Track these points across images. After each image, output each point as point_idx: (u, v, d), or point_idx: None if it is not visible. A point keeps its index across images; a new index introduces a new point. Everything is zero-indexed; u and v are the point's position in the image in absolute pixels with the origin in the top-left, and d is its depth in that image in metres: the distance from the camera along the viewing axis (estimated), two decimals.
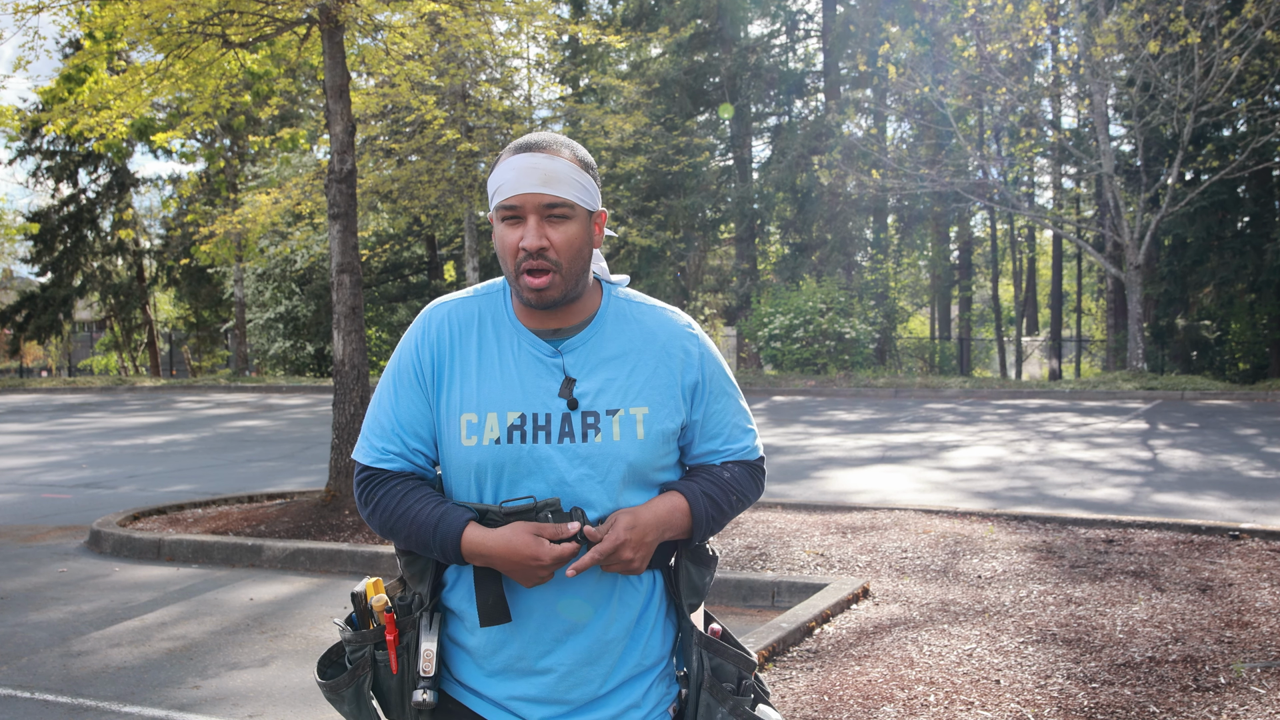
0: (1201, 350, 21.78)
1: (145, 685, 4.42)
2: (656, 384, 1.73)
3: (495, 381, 1.71)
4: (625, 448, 1.69)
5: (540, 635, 1.69)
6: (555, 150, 1.69)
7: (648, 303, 1.82)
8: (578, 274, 1.70)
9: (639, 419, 1.71)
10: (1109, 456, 10.61)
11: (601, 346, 1.74)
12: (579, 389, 1.70)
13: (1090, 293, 39.35)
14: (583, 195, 1.69)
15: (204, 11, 7.88)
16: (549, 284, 1.66)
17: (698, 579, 1.79)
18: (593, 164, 1.76)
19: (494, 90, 18.84)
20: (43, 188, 34.65)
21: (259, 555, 6.73)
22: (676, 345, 1.77)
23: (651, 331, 1.77)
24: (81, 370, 41.53)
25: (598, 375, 1.72)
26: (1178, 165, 19.25)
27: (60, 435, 14.85)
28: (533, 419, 1.68)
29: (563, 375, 1.71)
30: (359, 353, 7.90)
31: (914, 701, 3.77)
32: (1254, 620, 4.60)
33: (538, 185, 1.65)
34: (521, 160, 1.67)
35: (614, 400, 1.70)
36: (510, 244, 1.67)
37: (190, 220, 25.64)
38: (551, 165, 1.66)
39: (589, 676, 1.70)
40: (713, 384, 1.79)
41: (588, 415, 1.69)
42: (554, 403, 1.69)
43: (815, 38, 29.48)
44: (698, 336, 1.80)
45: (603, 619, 1.70)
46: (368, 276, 29.92)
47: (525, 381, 1.71)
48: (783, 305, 22.36)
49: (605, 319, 1.77)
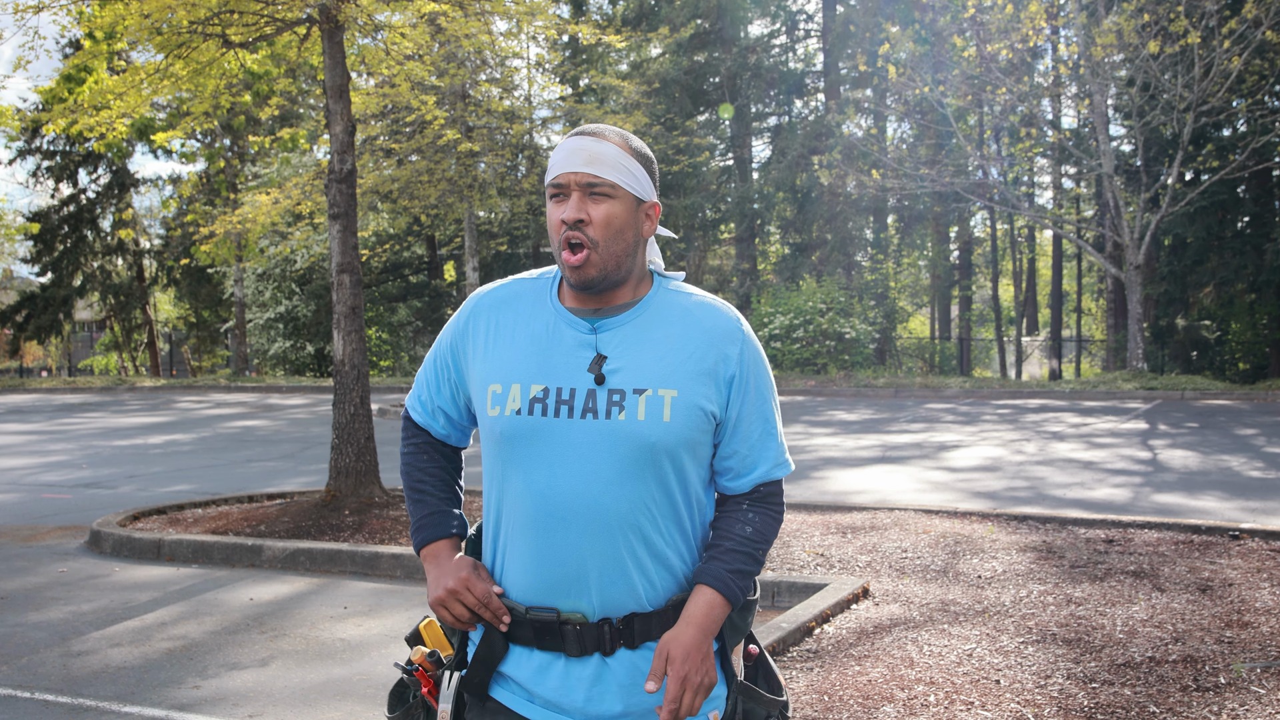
0: (1201, 350, 21.78)
1: (145, 685, 4.42)
2: (691, 369, 1.71)
3: (524, 354, 1.74)
4: (648, 428, 1.67)
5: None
6: (604, 135, 1.73)
7: (699, 295, 1.81)
8: (617, 255, 1.71)
9: (667, 401, 1.68)
10: (1109, 456, 10.61)
11: (640, 329, 1.74)
12: (608, 366, 1.70)
13: (1090, 293, 39.36)
14: (627, 179, 1.71)
15: (204, 11, 7.88)
16: (585, 260, 1.68)
17: (739, 621, 1.80)
18: (649, 156, 1.78)
19: (494, 90, 18.83)
20: (43, 188, 34.67)
21: (259, 555, 6.73)
22: (720, 338, 1.75)
23: (697, 320, 1.76)
24: (81, 370, 41.55)
25: (630, 355, 1.71)
26: (1178, 165, 19.25)
27: (60, 435, 14.85)
28: (556, 392, 1.69)
29: (594, 352, 1.72)
30: (359, 353, 7.90)
31: (914, 701, 3.77)
32: (1254, 620, 4.60)
33: (581, 165, 1.69)
34: (570, 143, 1.73)
35: (643, 380, 1.69)
36: (555, 220, 1.72)
37: (190, 220, 25.64)
38: (597, 147, 1.70)
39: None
40: (749, 385, 1.76)
41: (614, 393, 1.68)
42: (582, 378, 1.70)
43: (815, 38, 29.49)
44: (744, 335, 1.77)
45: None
46: (368, 276, 29.93)
47: (554, 356, 1.72)
48: (783, 305, 22.37)
49: (650, 305, 1.77)
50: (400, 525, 7.22)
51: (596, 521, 1.67)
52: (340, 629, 5.24)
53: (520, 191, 20.45)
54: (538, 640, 1.70)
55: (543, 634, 1.69)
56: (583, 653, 1.68)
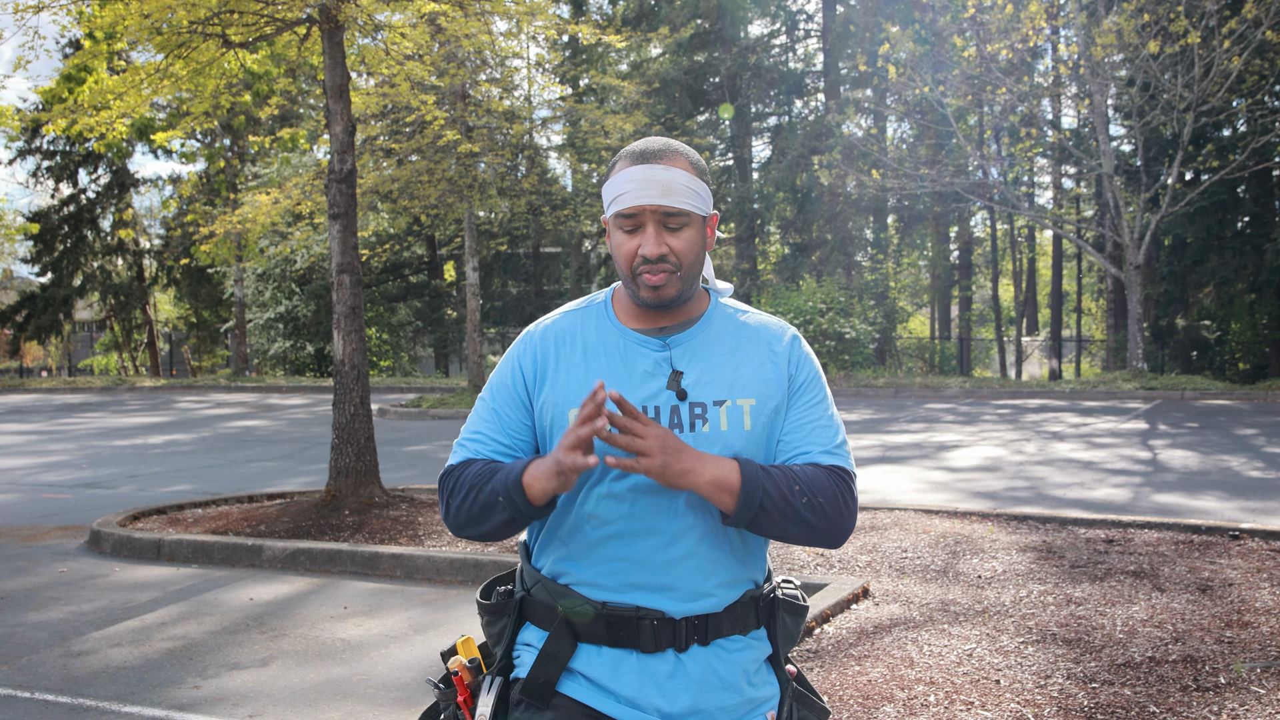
0: (1201, 350, 21.78)
1: (145, 685, 4.42)
2: (762, 377, 1.76)
3: (602, 376, 1.74)
4: (732, 438, 1.71)
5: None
6: (672, 160, 1.72)
7: (752, 310, 1.88)
8: (695, 275, 1.76)
9: (746, 410, 1.73)
10: (1109, 456, 10.61)
11: (708, 342, 1.78)
12: (685, 380, 1.73)
13: (1090, 293, 39.35)
14: (698, 203, 1.72)
15: (204, 11, 7.88)
16: (666, 282, 1.71)
17: (793, 627, 1.82)
18: (705, 168, 1.79)
19: (494, 90, 18.83)
20: (43, 188, 34.67)
21: (259, 555, 6.73)
22: (780, 345, 1.81)
23: (756, 331, 1.82)
24: (81, 370, 41.55)
25: (704, 368, 1.75)
26: (1178, 165, 19.25)
27: (60, 435, 14.85)
28: (641, 410, 1.70)
29: (670, 369, 1.74)
30: (359, 353, 7.90)
31: (914, 701, 3.77)
32: (1254, 620, 4.60)
33: (657, 197, 1.69)
34: (640, 172, 1.71)
35: (721, 391, 1.73)
36: (628, 251, 1.72)
37: (190, 220, 25.65)
38: (669, 177, 1.70)
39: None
40: (807, 390, 1.79)
41: (695, 406, 1.72)
42: (663, 395, 1.72)
43: (815, 38, 29.49)
44: (799, 341, 1.84)
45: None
46: (368, 276, 29.93)
47: (633, 376, 1.74)
48: (783, 305, 22.36)
49: (712, 319, 1.81)
50: (400, 525, 7.23)
51: (687, 531, 1.69)
52: (340, 629, 5.24)
53: (520, 191, 20.46)
54: (610, 636, 1.70)
55: (617, 629, 1.69)
56: (657, 649, 1.69)
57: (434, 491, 8.69)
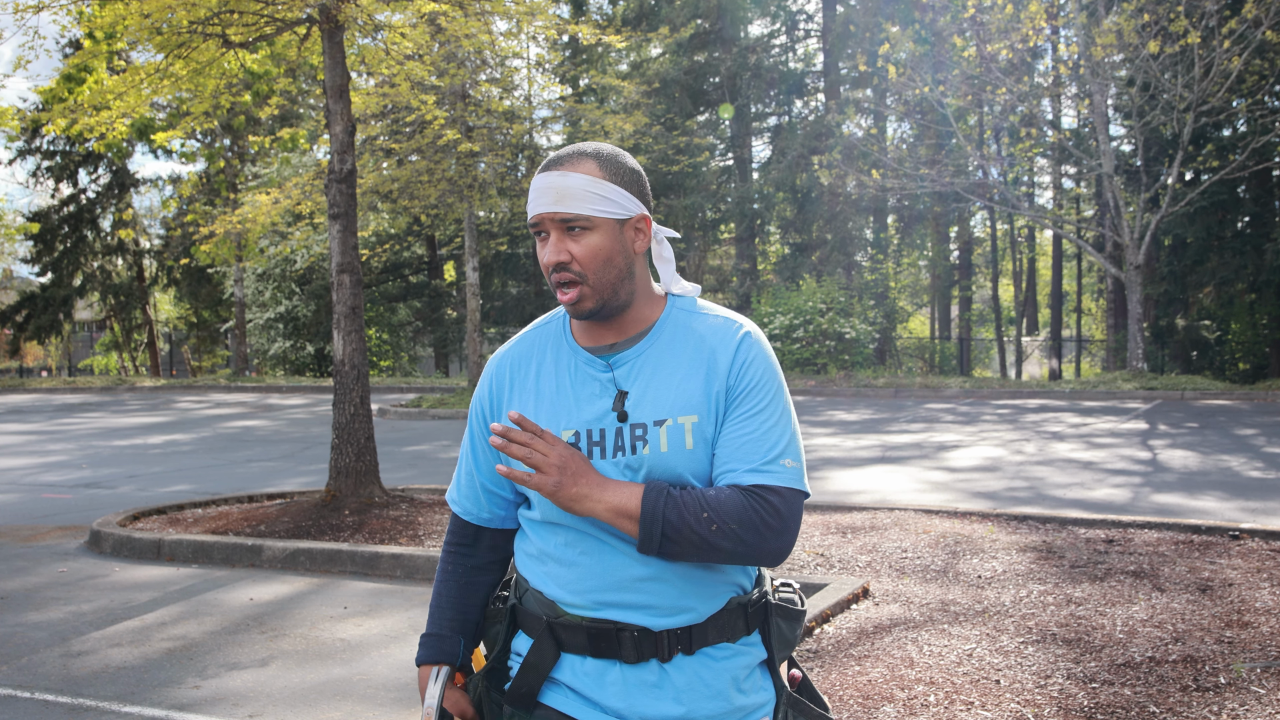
0: (1201, 350, 21.78)
1: (145, 685, 4.42)
2: (707, 390, 1.68)
3: (551, 402, 1.72)
4: (673, 459, 1.65)
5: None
6: (574, 164, 1.68)
7: (709, 311, 1.77)
8: (612, 283, 1.68)
9: (687, 428, 1.66)
10: (1109, 456, 10.61)
11: (654, 357, 1.71)
12: (629, 402, 1.68)
13: (1090, 293, 39.36)
14: (601, 206, 1.66)
15: (204, 11, 7.89)
16: (579, 296, 1.67)
17: (789, 633, 1.78)
18: (630, 170, 1.71)
19: (494, 90, 18.84)
20: (43, 188, 34.67)
21: (259, 555, 6.73)
22: (725, 350, 1.70)
23: (702, 338, 1.72)
24: (81, 370, 41.55)
25: (646, 386, 1.69)
26: (1178, 165, 19.25)
27: (60, 435, 14.85)
28: (586, 435, 1.68)
29: (615, 389, 1.70)
30: (359, 353, 7.90)
31: (914, 701, 3.77)
32: (1254, 620, 4.60)
33: (551, 204, 1.66)
34: (539, 180, 1.69)
35: (662, 410, 1.67)
36: (543, 261, 1.71)
37: (190, 220, 25.65)
38: (564, 182, 1.66)
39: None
40: (747, 399, 1.67)
41: (635, 427, 1.67)
42: (608, 418, 1.68)
43: (815, 38, 29.49)
44: (748, 341, 1.71)
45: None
46: (368, 276, 29.94)
47: (580, 399, 1.71)
48: (783, 305, 22.37)
49: (662, 330, 1.73)
50: (400, 525, 7.23)
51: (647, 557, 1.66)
52: (340, 629, 5.24)
53: (520, 191, 20.45)
54: (593, 647, 1.67)
55: (599, 640, 1.67)
56: (640, 659, 1.66)
57: (434, 491, 8.70)
